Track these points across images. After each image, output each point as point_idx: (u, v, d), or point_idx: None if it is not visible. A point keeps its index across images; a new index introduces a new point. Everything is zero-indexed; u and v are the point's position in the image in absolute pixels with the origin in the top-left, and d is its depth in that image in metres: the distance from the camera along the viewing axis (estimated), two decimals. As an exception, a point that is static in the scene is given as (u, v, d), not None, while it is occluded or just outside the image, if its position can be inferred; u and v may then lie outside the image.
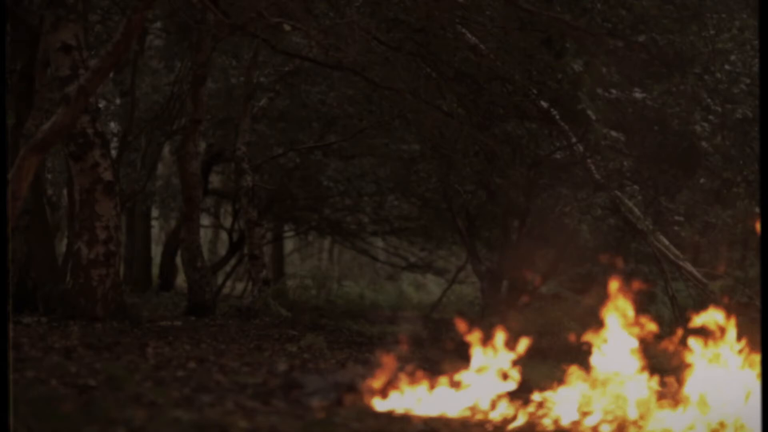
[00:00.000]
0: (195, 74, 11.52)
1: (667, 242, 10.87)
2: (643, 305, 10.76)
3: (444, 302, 17.42)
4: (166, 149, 16.80)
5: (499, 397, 5.27)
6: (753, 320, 9.00)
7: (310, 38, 11.00)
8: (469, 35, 9.49)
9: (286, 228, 19.27)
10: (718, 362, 5.08)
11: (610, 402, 5.13)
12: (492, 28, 9.02)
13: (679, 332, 5.49)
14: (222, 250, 20.76)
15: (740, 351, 5.10)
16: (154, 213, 18.86)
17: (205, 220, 20.01)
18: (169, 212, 18.81)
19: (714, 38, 9.08)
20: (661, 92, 8.92)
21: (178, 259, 15.66)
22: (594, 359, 5.34)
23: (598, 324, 5.37)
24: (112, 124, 15.74)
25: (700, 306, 9.92)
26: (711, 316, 5.15)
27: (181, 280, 16.52)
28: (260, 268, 12.35)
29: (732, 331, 5.14)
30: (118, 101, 15.17)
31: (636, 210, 10.61)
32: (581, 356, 7.52)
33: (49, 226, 10.28)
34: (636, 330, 5.28)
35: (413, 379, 5.21)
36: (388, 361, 5.20)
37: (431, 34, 9.25)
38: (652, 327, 5.46)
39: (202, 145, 15.61)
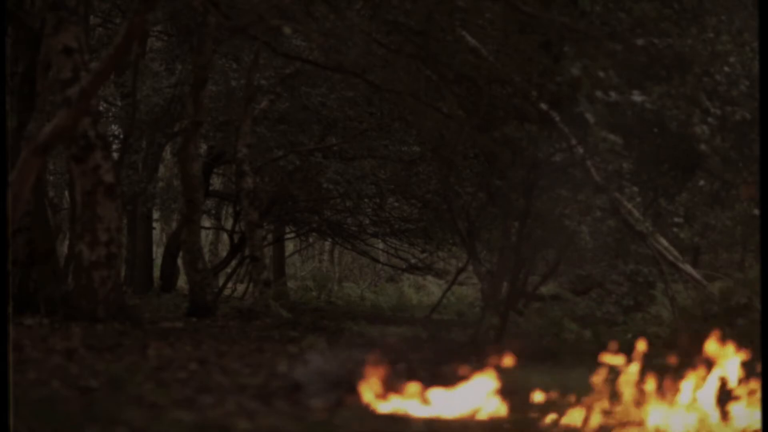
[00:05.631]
0: (196, 77, 11.55)
1: (666, 244, 10.89)
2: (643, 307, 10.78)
3: (444, 303, 17.42)
4: (167, 151, 16.85)
5: (500, 398, 5.29)
6: (753, 322, 9.02)
7: (310, 41, 11.03)
8: (469, 38, 9.52)
9: (286, 230, 19.29)
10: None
11: (612, 403, 5.15)
12: (491, 31, 9.05)
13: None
14: (223, 252, 20.78)
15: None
16: (156, 215, 18.90)
17: (206, 222, 20.04)
18: (171, 214, 18.84)
19: (713, 40, 9.09)
20: (660, 94, 8.93)
21: (180, 261, 15.71)
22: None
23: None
24: (114, 127, 15.79)
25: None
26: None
27: (182, 281, 16.54)
28: (261, 269, 12.37)
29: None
30: (119, 104, 15.20)
31: (635, 212, 10.63)
32: (581, 357, 7.53)
33: (50, 228, 10.31)
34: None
35: (414, 381, 5.23)
36: (389, 362, 5.22)
37: (431, 36, 9.27)
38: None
39: (203, 148, 15.65)
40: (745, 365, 5.13)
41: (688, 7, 8.68)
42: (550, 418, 5.06)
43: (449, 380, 5.31)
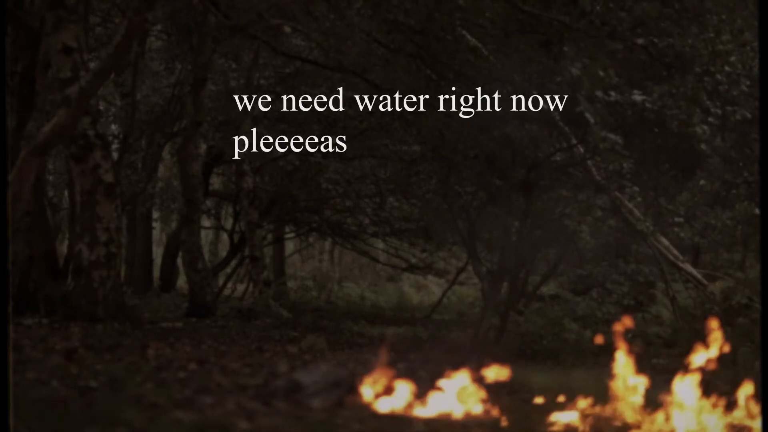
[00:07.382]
0: (196, 76, 11.54)
1: (667, 243, 10.89)
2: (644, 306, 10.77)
3: (444, 303, 17.42)
4: (167, 151, 16.83)
5: (500, 398, 5.28)
6: (753, 321, 9.02)
7: (310, 40, 11.03)
8: (469, 37, 9.52)
9: (286, 229, 19.28)
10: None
11: (611, 403, 5.13)
12: (492, 31, 9.05)
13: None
14: (223, 252, 20.76)
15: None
16: (155, 215, 18.89)
17: (206, 222, 20.02)
18: (170, 214, 18.83)
19: (714, 40, 9.09)
20: (660, 94, 8.93)
21: (179, 261, 15.69)
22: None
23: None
24: (113, 126, 15.77)
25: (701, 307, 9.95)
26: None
27: (182, 281, 16.53)
28: (261, 269, 12.37)
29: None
30: (118, 103, 15.19)
31: (636, 211, 10.63)
32: (581, 357, 7.53)
33: (50, 228, 10.30)
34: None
35: (414, 380, 5.22)
36: (390, 362, 5.21)
37: (431, 36, 9.27)
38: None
39: (203, 147, 15.64)
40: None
41: (688, 7, 8.67)
42: (550, 416, 5.05)
43: (448, 380, 5.30)
